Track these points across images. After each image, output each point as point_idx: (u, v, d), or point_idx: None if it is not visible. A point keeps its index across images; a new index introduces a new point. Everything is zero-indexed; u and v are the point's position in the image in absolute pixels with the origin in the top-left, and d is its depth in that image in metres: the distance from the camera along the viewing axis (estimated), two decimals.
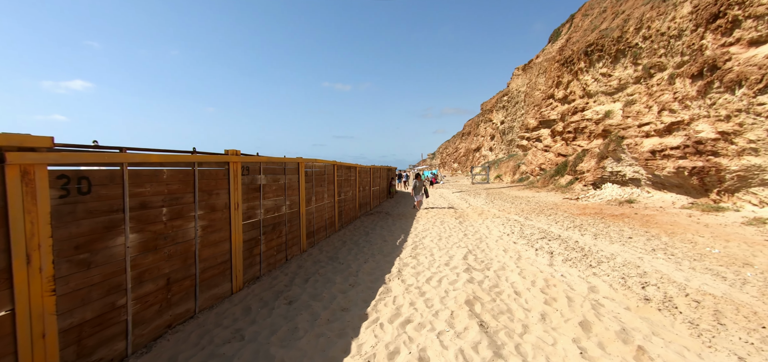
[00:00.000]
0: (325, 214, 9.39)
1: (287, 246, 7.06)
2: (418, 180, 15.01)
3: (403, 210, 15.15)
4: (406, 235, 9.35)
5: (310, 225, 8.35)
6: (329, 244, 8.48)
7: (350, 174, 12.23)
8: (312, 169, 8.46)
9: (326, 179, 9.61)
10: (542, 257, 6.51)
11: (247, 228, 5.59)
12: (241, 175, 5.34)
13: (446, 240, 8.53)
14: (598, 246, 7.15)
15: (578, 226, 9.42)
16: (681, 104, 11.61)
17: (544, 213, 12.30)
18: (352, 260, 6.87)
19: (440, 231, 9.82)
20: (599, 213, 11.36)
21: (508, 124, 48.99)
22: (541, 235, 8.48)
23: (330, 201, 9.90)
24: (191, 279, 4.31)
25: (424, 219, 12.05)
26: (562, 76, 27.12)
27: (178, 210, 4.09)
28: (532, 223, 10.32)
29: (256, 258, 5.85)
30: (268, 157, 6.23)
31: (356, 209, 13.04)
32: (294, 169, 7.41)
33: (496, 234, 8.99)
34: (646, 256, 6.20)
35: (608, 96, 19.35)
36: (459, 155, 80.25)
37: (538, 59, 38.01)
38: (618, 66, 18.53)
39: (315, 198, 8.68)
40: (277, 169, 6.63)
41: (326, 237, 9.40)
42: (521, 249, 7.26)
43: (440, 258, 6.71)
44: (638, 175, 14.29)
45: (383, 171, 19.91)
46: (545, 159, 27.81)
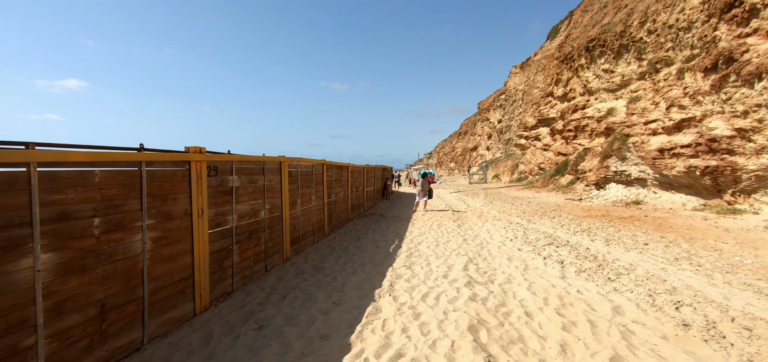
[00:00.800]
0: (312, 218, 8.65)
1: (267, 255, 6.31)
2: (425, 179, 14.14)
3: (399, 212, 14.43)
4: (400, 240, 8.63)
5: (295, 230, 7.60)
6: (316, 251, 7.73)
7: (342, 174, 11.49)
8: (297, 169, 7.71)
9: (314, 180, 8.86)
10: (552, 267, 5.80)
11: (216, 238, 4.84)
12: (206, 177, 4.58)
13: (444, 246, 7.81)
14: (613, 254, 6.46)
15: (586, 230, 8.74)
16: (692, 100, 10.97)
17: (547, 216, 11.62)
18: (338, 271, 6.13)
19: (437, 235, 9.10)
20: (606, 216, 10.69)
21: (505, 122, 48.41)
22: (547, 241, 7.78)
23: (318, 203, 9.16)
24: (137, 304, 3.56)
25: (421, 223, 11.33)
26: (561, 73, 26.53)
27: (118, 221, 3.34)
28: (536, 227, 9.62)
29: (227, 271, 5.10)
30: (242, 155, 5.48)
31: (348, 211, 12.31)
32: (275, 168, 6.66)
33: (498, 240, 8.29)
34: (669, 267, 5.51)
35: (610, 93, 18.74)
36: (456, 154, 79.69)
37: (536, 57, 37.42)
38: (621, 62, 17.91)
39: (301, 200, 7.93)
40: (254, 169, 5.88)
41: (314, 243, 8.66)
42: (527, 257, 6.55)
43: (438, 269, 5.99)
44: (644, 175, 13.65)
45: (378, 170, 19.18)
46: (544, 158, 27.19)
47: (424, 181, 14.09)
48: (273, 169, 6.58)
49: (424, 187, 14.03)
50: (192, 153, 4.34)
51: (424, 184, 14.03)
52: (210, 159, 4.65)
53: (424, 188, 14.05)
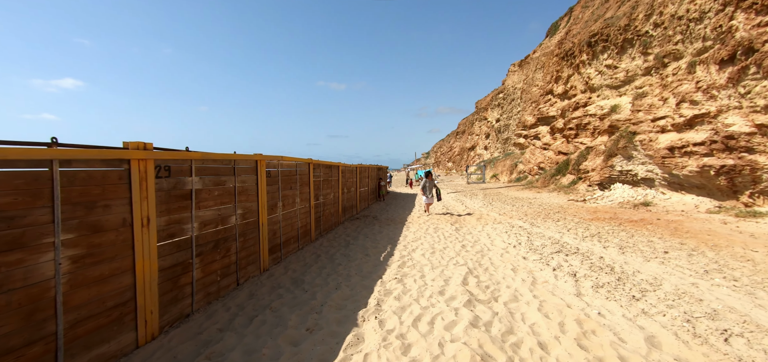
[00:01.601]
0: (296, 222, 7.87)
1: (239, 267, 5.53)
2: (430, 179, 12.87)
3: (393, 214, 13.67)
4: (393, 247, 7.87)
5: (275, 237, 6.83)
6: (299, 260, 6.96)
7: (331, 174, 10.71)
8: (277, 169, 6.94)
9: (299, 180, 8.09)
10: (564, 281, 5.06)
11: (169, 251, 4.06)
12: (154, 178, 3.80)
13: (441, 254, 7.06)
14: (631, 264, 5.73)
15: (596, 235, 8.01)
16: (705, 94, 10.27)
17: (551, 218, 10.89)
18: (320, 285, 5.36)
19: (433, 241, 8.35)
20: (615, 219, 9.97)
21: (503, 121, 47.76)
22: (554, 248, 7.04)
23: (304, 206, 8.39)
24: (46, 343, 2.78)
25: (416, 226, 10.58)
26: (561, 70, 25.86)
27: (14, 238, 2.56)
28: (541, 231, 8.89)
29: (184, 290, 4.32)
30: (204, 153, 4.70)
31: (339, 213, 11.53)
32: (249, 168, 5.88)
33: (500, 246, 7.55)
34: (700, 282, 4.78)
35: (614, 89, 18.06)
36: (453, 154, 79.07)
37: (535, 54, 36.76)
38: (625, 57, 17.23)
39: (282, 203, 7.16)
40: (222, 169, 5.11)
41: (298, 250, 7.88)
42: (534, 267, 5.81)
43: (433, 283, 5.23)
44: (652, 175, 12.96)
45: (372, 170, 18.41)
46: (544, 157, 26.52)
47: (429, 181, 12.81)
48: (247, 169, 5.80)
49: (429, 188, 12.77)
50: (132, 149, 3.56)
51: (429, 185, 12.75)
52: (159, 157, 3.87)
53: (429, 189, 12.76)
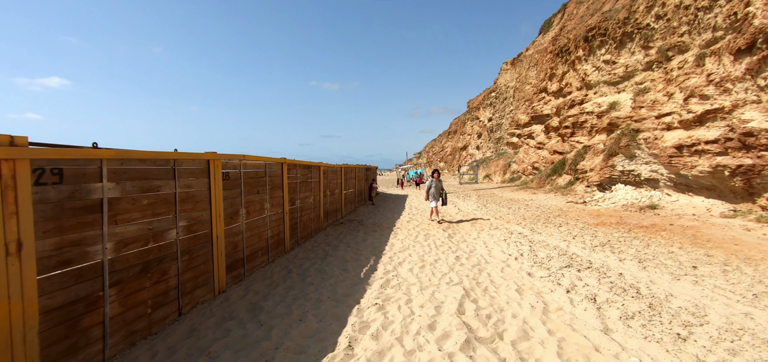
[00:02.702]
0: (265, 232, 6.81)
1: (182, 291, 4.46)
2: (437, 178, 10.89)
3: (380, 218, 12.65)
4: (377, 258, 6.85)
5: (236, 250, 5.76)
6: (265, 277, 5.91)
7: (310, 175, 9.65)
8: (239, 170, 5.87)
9: (269, 183, 7.02)
10: (584, 308, 4.10)
11: (61, 284, 2.99)
12: (30, 185, 2.73)
13: (432, 268, 6.07)
14: (659, 284, 4.80)
15: (607, 244, 7.10)
16: (718, 88, 9.46)
17: (552, 222, 9.99)
18: (282, 314, 4.33)
19: (423, 251, 7.36)
20: (622, 224, 9.10)
21: (496, 121, 47.10)
22: (563, 261, 6.10)
23: (276, 212, 7.32)
24: None
25: (404, 232, 9.58)
26: (556, 67, 25.14)
27: None
28: (543, 239, 7.96)
29: (90, 333, 3.25)
30: (123, 151, 3.63)
31: (320, 219, 10.48)
32: (198, 170, 4.82)
33: (499, 258, 6.58)
34: (754, 310, 3.85)
35: (612, 86, 17.31)
36: (445, 154, 78.41)
37: (528, 52, 36.10)
38: (624, 52, 16.47)
39: (246, 210, 6.09)
40: (154, 172, 4.04)
41: (268, 263, 6.82)
42: (543, 287, 4.84)
43: (422, 311, 4.23)
44: (657, 175, 12.16)
45: (360, 171, 17.36)
46: (539, 157, 25.77)
47: (435, 182, 10.82)
48: (194, 171, 4.73)
49: (436, 190, 10.79)
50: None
51: (435, 186, 10.78)
52: (40, 156, 2.79)
53: (436, 191, 10.81)
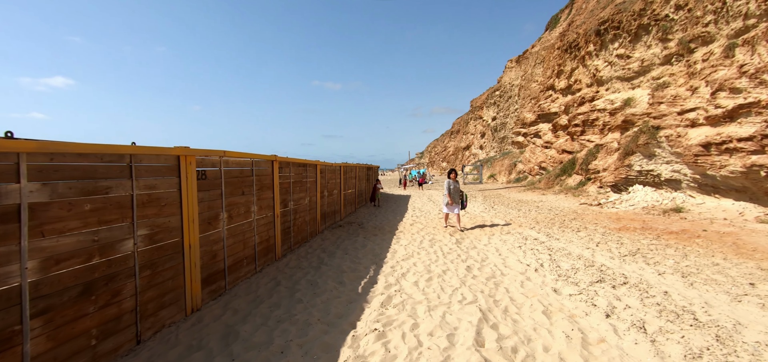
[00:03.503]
0: (251, 238, 6.04)
1: (142, 315, 3.70)
2: (454, 179, 9.56)
3: (382, 221, 11.86)
4: (377, 268, 6.07)
5: (215, 261, 4.99)
6: (250, 291, 5.14)
7: (306, 174, 8.88)
8: (219, 168, 5.10)
9: (257, 183, 6.26)
10: (633, 340, 3.31)
11: None
12: None
13: (440, 281, 5.28)
14: (716, 305, 4.00)
15: (637, 254, 6.30)
16: (753, 80, 8.63)
17: (568, 226, 9.19)
18: (260, 344, 3.56)
19: (430, 259, 6.58)
20: (648, 229, 8.29)
21: (500, 120, 46.21)
22: (591, 273, 5.30)
23: (265, 215, 6.56)
24: None
25: (408, 237, 8.79)
26: (564, 64, 24.30)
27: None
28: (563, 246, 7.16)
29: None
30: (53, 143, 2.86)
31: (317, 221, 9.71)
32: (167, 168, 4.06)
33: (516, 268, 5.79)
34: None
35: (626, 81, 16.45)
36: (448, 154, 77.57)
37: (534, 49, 35.22)
38: (639, 45, 15.62)
39: (228, 214, 5.33)
40: (101, 170, 3.28)
41: (255, 273, 6.06)
42: (575, 308, 4.06)
43: (432, 341, 3.46)
44: (679, 176, 11.33)
45: (361, 170, 16.58)
46: (546, 156, 24.92)
47: (453, 184, 9.45)
48: (159, 169, 3.97)
49: (455, 194, 9.40)
50: None
51: (454, 188, 9.43)
52: None
53: (454, 195, 9.39)
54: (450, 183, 9.52)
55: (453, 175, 9.60)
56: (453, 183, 9.48)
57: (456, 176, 9.64)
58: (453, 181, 9.52)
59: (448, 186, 9.49)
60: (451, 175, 9.63)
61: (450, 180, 9.57)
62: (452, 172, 9.66)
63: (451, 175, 9.63)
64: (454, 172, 9.65)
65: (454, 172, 9.65)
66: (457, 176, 9.61)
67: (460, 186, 32.56)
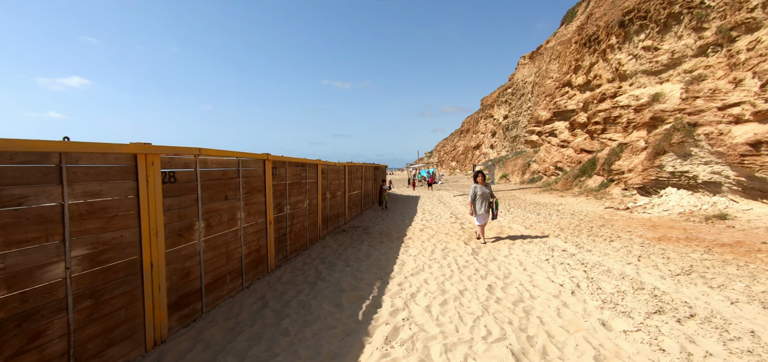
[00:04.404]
0: (237, 249, 5.22)
1: (79, 358, 2.89)
2: (482, 183, 7.94)
3: (389, 224, 10.98)
4: (382, 285, 5.20)
5: (188, 280, 4.17)
6: (229, 315, 4.32)
7: (305, 175, 8.04)
8: (194, 169, 4.28)
9: (245, 185, 5.44)
10: None
11: None
12: None
13: (457, 305, 4.39)
14: None
15: (692, 271, 5.31)
16: None
17: (598, 235, 8.19)
18: None
19: (443, 275, 5.68)
20: (693, 239, 7.26)
21: (512, 118, 44.92)
22: (644, 300, 4.35)
23: (255, 222, 5.74)
24: None
25: (417, 245, 7.90)
26: (582, 58, 23.10)
27: None
28: (598, 260, 6.18)
29: None
30: None
31: (317, 226, 8.87)
32: (118, 170, 3.26)
33: (547, 288, 4.86)
34: None
35: (653, 75, 15.27)
36: (457, 153, 76.33)
37: (548, 44, 33.92)
38: (668, 36, 14.44)
39: (207, 223, 4.51)
40: (10, 175, 2.47)
41: (241, 290, 5.25)
42: (636, 353, 3.13)
43: None
44: (719, 178, 10.21)
45: (367, 170, 15.72)
46: (563, 156, 23.74)
47: (480, 189, 7.83)
48: (106, 171, 3.16)
49: (483, 200, 7.79)
50: None
51: (481, 195, 7.80)
52: None
53: (483, 202, 7.79)
54: (477, 188, 7.87)
55: (480, 178, 7.95)
56: (481, 189, 7.82)
57: (484, 179, 7.99)
58: (481, 185, 7.86)
59: (473, 193, 7.88)
60: (478, 179, 7.96)
61: (477, 185, 7.91)
62: (479, 175, 8.00)
63: (478, 179, 7.96)
64: (481, 175, 8.00)
65: (481, 174, 8.01)
66: (485, 179, 7.99)
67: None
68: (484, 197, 7.79)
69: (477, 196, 7.84)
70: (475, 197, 7.86)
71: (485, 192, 7.81)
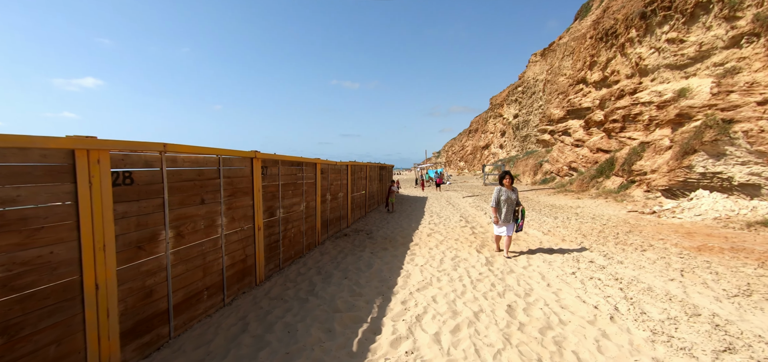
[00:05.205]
0: (217, 260, 4.54)
1: None
2: (508, 187, 6.69)
3: (393, 229, 10.24)
4: (383, 304, 4.47)
5: (150, 301, 3.50)
6: (199, 342, 3.64)
7: (302, 175, 7.34)
8: (159, 169, 3.60)
9: (228, 187, 4.76)
10: None
11: None
12: None
13: (472, 333, 3.65)
14: None
15: (753, 292, 4.49)
16: None
17: (627, 243, 7.35)
18: None
19: (454, 290, 4.93)
20: (740, 250, 6.39)
21: (522, 117, 43.79)
22: (705, 333, 3.55)
23: (241, 229, 5.06)
24: None
25: (425, 252, 7.16)
26: (598, 54, 22.09)
27: None
28: (633, 275, 5.37)
29: None
30: None
31: (316, 230, 8.17)
32: (43, 170, 2.58)
33: (580, 312, 4.09)
34: None
35: (678, 69, 14.27)
36: (465, 153, 75.24)
37: (561, 40, 32.82)
38: (696, 27, 13.44)
39: (176, 232, 3.83)
40: None
41: (223, 306, 4.57)
42: None
43: None
44: (759, 180, 9.27)
45: (373, 170, 14.99)
46: (577, 156, 22.74)
47: (506, 192, 6.63)
48: (31, 171, 2.50)
49: (507, 208, 6.59)
50: None
51: (507, 199, 6.60)
52: None
53: (507, 210, 6.59)
54: (502, 191, 6.67)
55: (508, 181, 6.67)
56: (506, 192, 6.63)
57: (512, 181, 6.73)
58: (507, 189, 6.64)
59: (496, 197, 6.70)
60: (505, 181, 6.69)
61: (503, 187, 6.70)
62: (506, 177, 6.71)
63: (505, 181, 6.69)
64: (508, 177, 6.70)
65: (508, 176, 6.72)
66: (512, 181, 6.76)
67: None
68: (509, 203, 6.59)
69: (501, 201, 6.64)
70: (499, 202, 6.68)
71: (511, 197, 6.61)
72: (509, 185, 6.68)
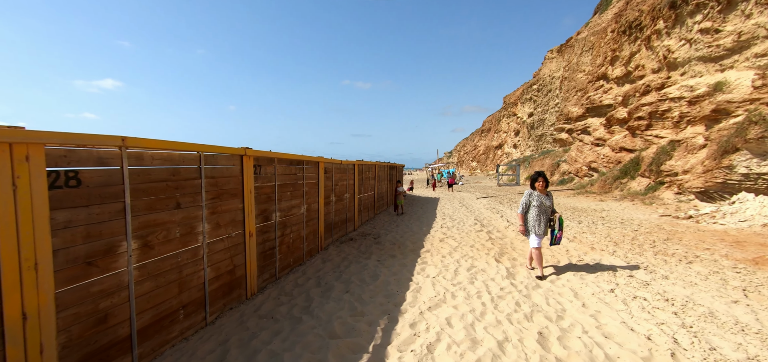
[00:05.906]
0: (196, 273, 3.92)
1: None
2: (542, 190, 5.51)
3: (402, 233, 9.52)
4: (388, 328, 3.79)
5: (103, 329, 2.89)
6: None
7: (302, 175, 6.69)
8: (120, 168, 2.99)
9: (211, 189, 4.14)
10: None
11: None
12: None
13: None
14: None
15: None
16: None
17: (667, 253, 6.50)
18: None
19: (472, 311, 4.21)
20: None
21: (537, 116, 42.50)
22: None
23: (227, 236, 4.44)
24: None
25: (438, 261, 6.44)
26: (620, 48, 20.96)
27: None
28: (686, 294, 4.56)
29: None
30: None
31: (319, 235, 7.53)
32: None
33: (631, 345, 3.33)
34: None
35: (712, 62, 13.19)
36: (478, 153, 73.95)
37: (579, 36, 31.56)
38: (733, 16, 12.36)
39: (143, 242, 3.23)
40: None
41: (205, 326, 3.96)
42: None
43: None
44: None
45: (382, 170, 14.30)
46: (597, 155, 21.63)
47: (539, 197, 5.45)
48: None
49: (541, 215, 5.47)
50: None
51: (537, 206, 5.45)
52: None
53: (542, 217, 5.47)
54: (534, 196, 5.49)
55: (541, 184, 5.49)
56: (539, 197, 5.45)
57: (546, 184, 5.53)
58: (540, 194, 5.48)
59: (526, 202, 5.54)
60: (537, 184, 5.52)
61: (535, 190, 5.54)
62: (540, 178, 5.52)
63: (537, 184, 5.52)
64: (542, 179, 5.51)
65: (542, 178, 5.52)
66: (547, 184, 5.56)
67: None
68: (542, 210, 5.44)
69: (532, 207, 5.48)
70: (528, 208, 5.52)
71: (545, 203, 5.44)
72: (543, 189, 5.50)
